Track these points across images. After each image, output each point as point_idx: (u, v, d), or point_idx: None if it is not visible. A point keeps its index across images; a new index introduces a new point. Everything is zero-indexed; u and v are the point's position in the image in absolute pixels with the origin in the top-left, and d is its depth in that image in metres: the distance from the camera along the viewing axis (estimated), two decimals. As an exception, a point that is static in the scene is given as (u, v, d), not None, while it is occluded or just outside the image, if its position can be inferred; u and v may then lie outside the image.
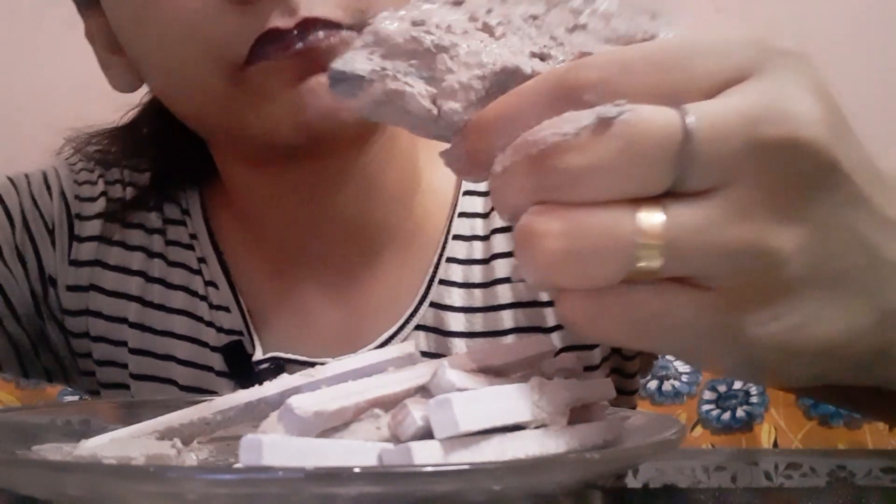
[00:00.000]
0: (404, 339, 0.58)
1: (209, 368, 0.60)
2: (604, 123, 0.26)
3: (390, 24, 0.31)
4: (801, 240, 0.27)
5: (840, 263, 0.28)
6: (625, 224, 0.26)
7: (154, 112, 0.64)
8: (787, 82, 0.27)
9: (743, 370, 0.30)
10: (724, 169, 0.26)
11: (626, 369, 0.64)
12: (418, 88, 0.30)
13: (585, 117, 0.26)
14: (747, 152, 0.26)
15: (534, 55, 0.30)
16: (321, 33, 0.46)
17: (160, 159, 0.65)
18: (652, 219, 0.26)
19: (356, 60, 0.31)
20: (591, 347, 0.60)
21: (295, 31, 0.46)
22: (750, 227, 0.27)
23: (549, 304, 0.59)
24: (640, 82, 0.27)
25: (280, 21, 0.46)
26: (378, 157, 0.57)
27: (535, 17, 0.31)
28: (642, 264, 0.26)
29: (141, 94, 0.64)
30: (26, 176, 0.65)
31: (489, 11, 0.31)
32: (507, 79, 0.30)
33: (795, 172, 0.27)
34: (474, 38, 0.31)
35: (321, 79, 0.47)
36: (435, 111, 0.30)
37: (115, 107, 0.66)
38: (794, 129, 0.26)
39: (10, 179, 0.64)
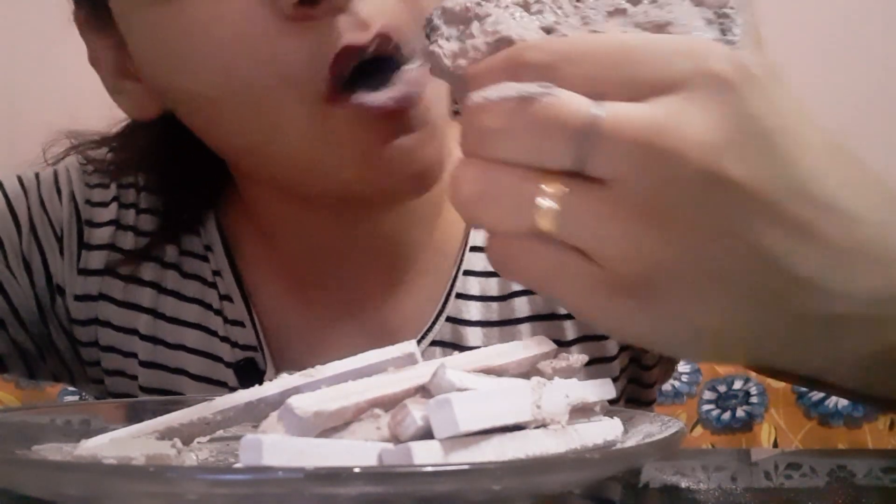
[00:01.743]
0: (421, 354, 0.57)
1: (222, 384, 0.59)
2: (526, 100, 0.30)
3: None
4: (671, 239, 0.30)
5: (717, 264, 0.31)
6: (528, 185, 0.30)
7: (158, 124, 0.59)
8: (698, 103, 0.29)
9: (623, 338, 0.34)
10: (618, 163, 0.30)
11: (644, 379, 0.63)
12: (446, 49, 0.34)
13: (513, 90, 0.30)
14: (642, 155, 0.29)
15: (542, 28, 0.33)
16: (412, 71, 0.45)
17: (170, 175, 0.62)
18: (553, 188, 0.30)
19: (434, 20, 0.36)
20: (611, 360, 0.59)
21: (371, 48, 0.44)
22: (631, 220, 0.30)
23: (568, 316, 0.58)
24: (576, 72, 0.30)
25: (352, 36, 0.44)
26: None
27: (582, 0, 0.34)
28: (540, 223, 0.30)
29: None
30: (36, 175, 0.63)
31: None
32: (504, 47, 0.33)
33: (674, 181, 0.29)
34: (507, 11, 0.34)
35: (405, 142, 0.47)
36: (451, 68, 0.34)
37: (116, 109, 0.65)
38: (680, 143, 0.29)
39: (20, 179, 0.62)
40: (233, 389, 0.58)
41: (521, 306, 0.58)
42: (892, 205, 0.33)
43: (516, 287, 0.58)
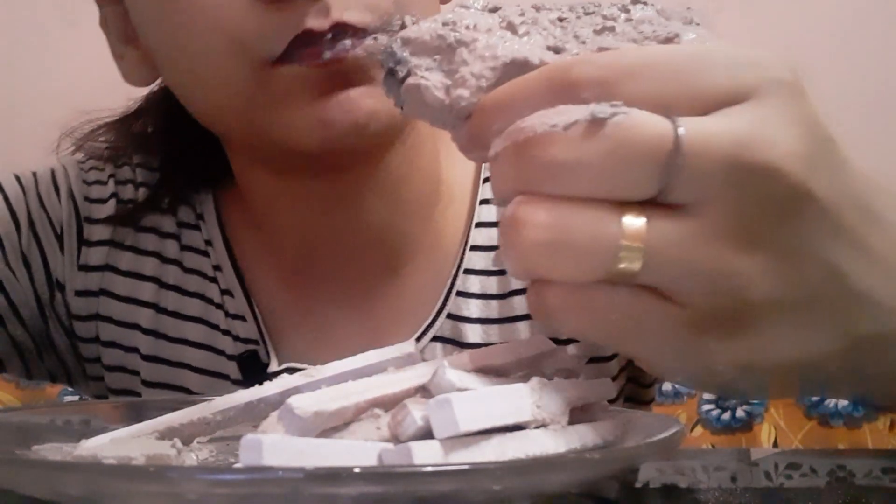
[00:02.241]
0: (421, 351, 0.57)
1: (225, 376, 0.59)
2: (597, 122, 0.26)
3: (420, 26, 0.33)
4: (767, 266, 0.28)
5: (807, 290, 0.29)
6: (610, 224, 0.27)
7: (161, 106, 0.63)
8: (778, 112, 0.27)
9: (699, 382, 0.31)
10: (705, 186, 0.27)
11: (642, 378, 0.63)
12: (434, 81, 0.32)
13: (578, 112, 0.27)
14: (728, 173, 0.27)
15: (548, 48, 0.31)
16: (348, 42, 0.46)
17: (170, 157, 0.64)
18: (635, 223, 0.27)
19: (397, 53, 0.33)
20: (609, 359, 0.59)
21: (329, 35, 0.46)
22: (722, 248, 0.27)
23: None
24: (638, 88, 0.27)
25: (314, 22, 0.46)
26: (401, 167, 0.56)
27: (562, 20, 0.32)
28: (622, 266, 0.27)
29: (141, 91, 0.63)
30: (34, 174, 0.63)
31: (520, 15, 0.32)
32: (517, 70, 0.31)
33: (769, 199, 0.27)
34: (496, 35, 0.32)
35: (350, 93, 0.47)
36: (447, 100, 0.31)
37: (116, 106, 0.65)
38: (774, 157, 0.27)
39: (17, 178, 0.63)
40: (235, 382, 0.58)
41: (520, 304, 0.58)
42: None
43: (516, 285, 0.58)
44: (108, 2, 0.57)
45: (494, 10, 0.33)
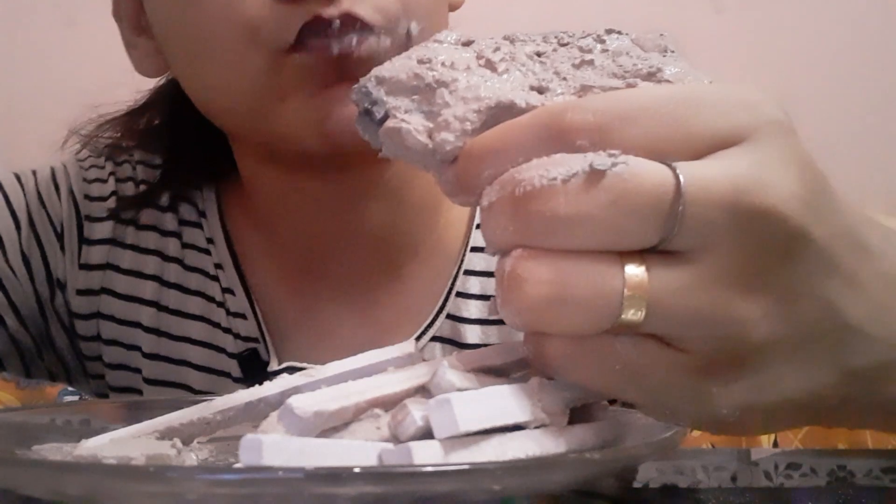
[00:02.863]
0: (420, 351, 0.57)
1: (226, 374, 0.59)
2: (596, 173, 0.26)
3: (394, 63, 0.32)
4: (768, 308, 0.28)
5: (805, 328, 0.29)
6: (613, 276, 0.26)
7: (168, 100, 0.63)
8: (774, 154, 0.27)
9: (701, 424, 0.31)
10: (706, 232, 0.26)
11: None
12: (415, 124, 0.31)
13: (577, 164, 0.26)
14: (729, 218, 0.26)
15: (532, 88, 0.31)
16: (354, 39, 0.47)
17: (174, 151, 0.64)
18: (638, 273, 0.26)
19: (372, 93, 0.32)
20: None
21: (337, 22, 0.47)
22: (723, 294, 0.27)
23: None
24: (633, 133, 0.27)
25: (324, 10, 0.47)
26: (406, 170, 0.56)
27: (540, 55, 0.32)
28: (626, 317, 0.27)
29: (144, 85, 0.63)
30: (34, 173, 0.63)
31: (496, 50, 0.32)
32: (503, 113, 0.30)
33: (769, 242, 0.27)
34: (476, 73, 0.31)
35: (348, 86, 0.48)
36: (430, 144, 0.30)
37: (116, 105, 0.66)
38: (774, 201, 0.27)
39: (17, 176, 0.63)
40: (236, 380, 0.58)
41: None
42: None
43: None
44: None
45: (468, 43, 0.32)
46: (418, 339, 0.58)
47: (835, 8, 1.31)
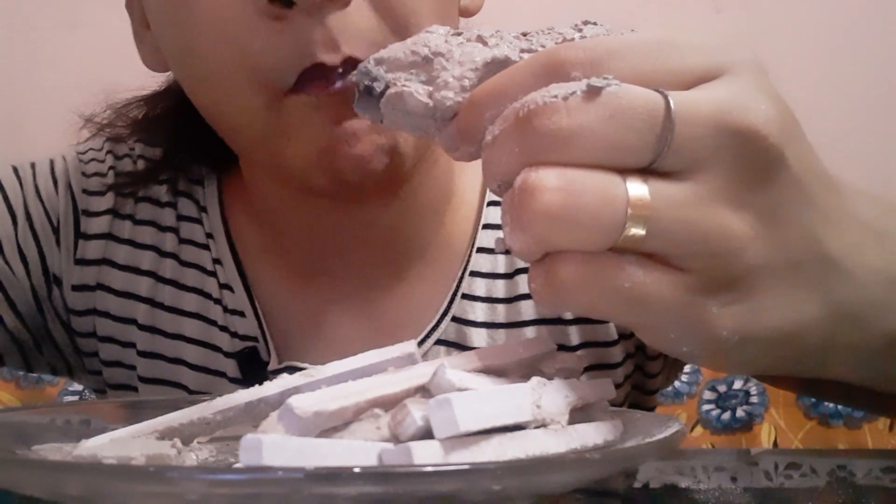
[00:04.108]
0: (425, 354, 0.57)
1: (221, 374, 0.59)
2: (593, 91, 0.28)
3: (391, 47, 0.35)
4: (757, 227, 0.30)
5: (790, 255, 0.31)
6: (616, 186, 0.28)
7: (173, 95, 0.62)
8: (751, 84, 0.30)
9: (702, 350, 0.32)
10: (696, 150, 0.29)
11: (647, 386, 0.63)
12: (415, 88, 0.33)
13: (575, 85, 0.29)
14: (716, 138, 0.29)
15: (522, 51, 0.33)
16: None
17: (176, 140, 0.63)
18: (639, 189, 0.28)
19: (372, 71, 0.35)
20: (615, 366, 0.59)
21: (339, 70, 0.46)
22: (717, 210, 0.29)
23: (573, 321, 0.58)
24: (623, 65, 0.29)
25: (326, 57, 0.46)
26: (416, 177, 0.56)
27: (525, 35, 0.34)
28: (629, 231, 0.28)
29: (144, 84, 0.63)
30: (32, 165, 0.63)
31: (491, 34, 0.34)
32: (498, 67, 0.32)
33: (752, 161, 0.29)
34: (468, 46, 0.34)
35: (354, 124, 0.47)
36: (431, 103, 0.33)
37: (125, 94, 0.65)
38: (755, 121, 0.29)
39: (15, 169, 0.62)
40: (232, 380, 0.58)
41: (528, 309, 0.58)
42: (873, 195, 0.35)
43: (523, 290, 0.58)
44: None
45: (458, 34, 0.35)
46: (422, 342, 0.57)
47: (834, 8, 1.31)
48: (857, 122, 1.27)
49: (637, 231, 0.28)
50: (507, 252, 0.57)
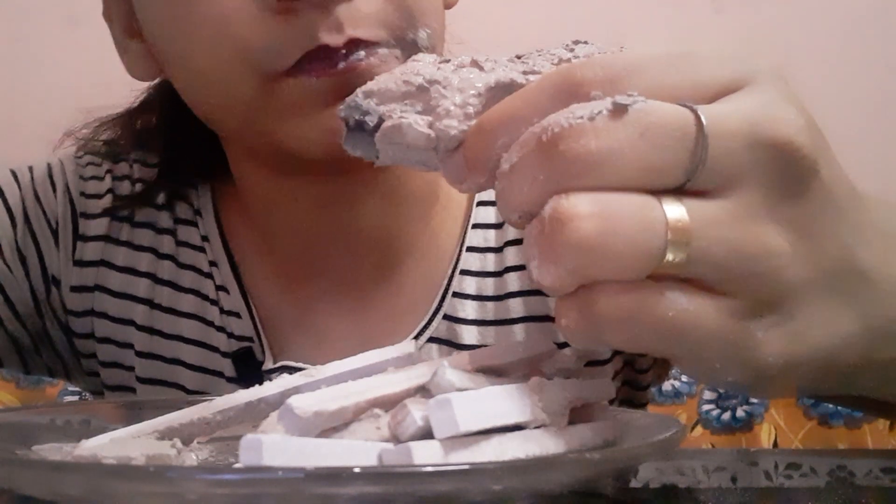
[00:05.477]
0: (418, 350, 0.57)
1: (219, 374, 0.59)
2: (619, 109, 0.26)
3: (378, 78, 0.33)
4: (796, 243, 0.28)
5: (829, 269, 0.29)
6: (653, 209, 0.27)
7: (163, 101, 0.62)
8: (776, 94, 0.29)
9: (747, 380, 0.30)
10: (731, 166, 0.27)
11: (638, 382, 0.63)
12: (413, 119, 0.31)
13: (599, 104, 0.27)
14: (750, 151, 0.27)
15: (525, 73, 0.31)
16: (362, 52, 0.46)
17: (169, 150, 0.64)
18: (676, 210, 0.27)
19: (362, 105, 0.32)
20: (605, 362, 0.59)
21: (343, 51, 0.46)
22: (757, 227, 0.27)
23: None
24: (644, 81, 0.27)
25: (329, 38, 0.46)
26: (399, 170, 0.56)
27: (520, 58, 0.33)
28: (670, 256, 0.27)
29: (145, 84, 0.63)
30: (30, 169, 0.63)
31: (483, 59, 0.33)
32: (503, 92, 0.30)
33: (787, 173, 0.28)
34: (464, 71, 0.32)
35: None
36: (433, 134, 0.31)
37: (117, 105, 0.65)
38: (788, 132, 0.28)
39: (13, 172, 0.63)
40: (229, 379, 0.58)
41: (517, 307, 0.58)
42: (889, 203, 0.34)
43: (511, 288, 0.59)
44: None
45: (446, 61, 0.33)
46: (415, 339, 0.58)
47: (834, 8, 1.31)
48: (857, 122, 1.27)
49: (678, 255, 0.27)
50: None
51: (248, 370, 0.58)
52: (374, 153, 0.32)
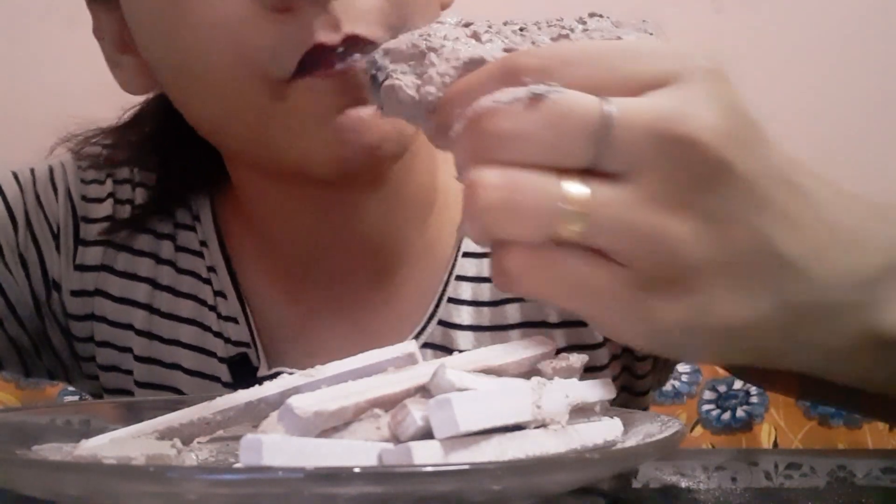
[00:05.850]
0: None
1: (216, 378, 0.59)
2: (535, 98, 0.31)
3: (400, 38, 0.37)
4: (698, 228, 0.31)
5: (738, 255, 0.32)
6: (552, 186, 0.30)
7: (158, 113, 0.62)
8: (698, 93, 0.31)
9: (647, 341, 0.33)
10: (633, 154, 0.30)
11: (636, 388, 0.63)
12: (406, 81, 0.36)
13: (521, 91, 0.31)
14: (653, 143, 0.30)
15: (504, 50, 0.35)
16: (358, 55, 0.46)
17: (166, 166, 0.63)
18: (575, 188, 0.30)
19: (378, 61, 0.37)
20: (601, 368, 0.59)
21: (340, 48, 0.46)
22: (654, 211, 0.30)
23: (558, 325, 0.58)
24: (573, 73, 0.31)
25: (325, 36, 0.46)
26: (398, 173, 0.56)
27: (523, 30, 0.36)
28: (565, 226, 0.30)
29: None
30: (32, 171, 0.63)
31: (488, 28, 0.36)
32: (475, 67, 0.34)
33: (691, 168, 0.31)
34: (461, 42, 0.36)
35: (361, 112, 0.47)
36: (417, 97, 0.35)
37: (116, 106, 0.65)
38: (693, 130, 0.30)
39: (15, 175, 0.63)
40: (226, 384, 0.58)
41: (513, 313, 0.58)
42: (848, 192, 0.35)
43: (508, 294, 0.58)
44: (103, 10, 0.56)
45: (467, 24, 0.37)
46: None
47: (835, 8, 1.31)
48: (857, 122, 1.27)
49: (575, 226, 0.30)
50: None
51: (244, 376, 0.57)
52: (381, 102, 0.37)
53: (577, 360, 0.35)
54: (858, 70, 1.29)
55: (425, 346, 0.58)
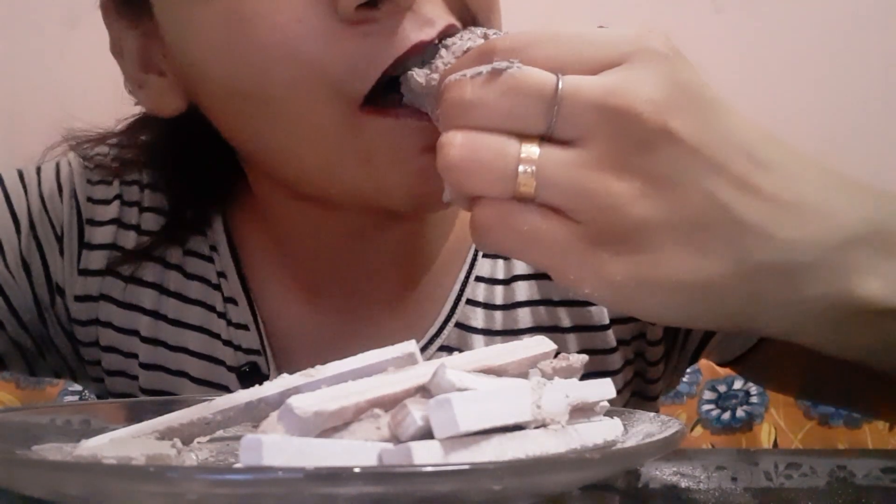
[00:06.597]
0: (428, 360, 0.56)
1: (224, 388, 0.58)
2: (496, 72, 0.36)
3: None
4: (643, 189, 0.35)
5: (689, 215, 0.35)
6: (510, 146, 0.35)
7: (164, 125, 0.59)
8: (644, 70, 0.35)
9: (604, 294, 0.36)
10: (580, 123, 0.35)
11: (648, 392, 0.63)
12: (418, 71, 0.42)
13: (485, 67, 0.36)
14: (599, 114, 0.34)
15: None
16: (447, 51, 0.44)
17: (177, 174, 0.60)
18: (531, 150, 0.35)
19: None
20: (614, 373, 0.59)
21: (437, 41, 0.43)
22: (600, 173, 0.35)
23: (570, 329, 0.58)
24: (538, 53, 0.36)
25: (420, 34, 0.43)
26: None
27: None
28: (522, 183, 0.35)
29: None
30: (38, 171, 0.62)
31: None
32: None
33: (632, 135, 0.34)
34: (470, 40, 0.42)
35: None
36: (424, 83, 0.42)
37: (116, 107, 0.65)
38: (632, 102, 0.34)
39: (20, 175, 0.61)
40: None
41: (524, 317, 0.58)
42: (819, 166, 0.38)
43: (519, 297, 0.58)
44: (125, 26, 0.52)
45: (486, 36, 0.43)
46: (425, 348, 0.56)
47: (834, 8, 1.31)
48: (857, 121, 1.27)
49: (528, 182, 0.35)
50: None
51: (252, 384, 0.56)
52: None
53: (578, 360, 0.35)
54: (858, 70, 1.29)
55: (441, 349, 0.57)
